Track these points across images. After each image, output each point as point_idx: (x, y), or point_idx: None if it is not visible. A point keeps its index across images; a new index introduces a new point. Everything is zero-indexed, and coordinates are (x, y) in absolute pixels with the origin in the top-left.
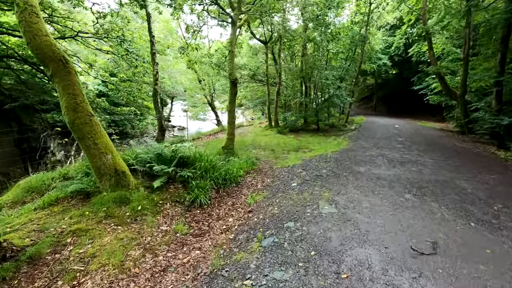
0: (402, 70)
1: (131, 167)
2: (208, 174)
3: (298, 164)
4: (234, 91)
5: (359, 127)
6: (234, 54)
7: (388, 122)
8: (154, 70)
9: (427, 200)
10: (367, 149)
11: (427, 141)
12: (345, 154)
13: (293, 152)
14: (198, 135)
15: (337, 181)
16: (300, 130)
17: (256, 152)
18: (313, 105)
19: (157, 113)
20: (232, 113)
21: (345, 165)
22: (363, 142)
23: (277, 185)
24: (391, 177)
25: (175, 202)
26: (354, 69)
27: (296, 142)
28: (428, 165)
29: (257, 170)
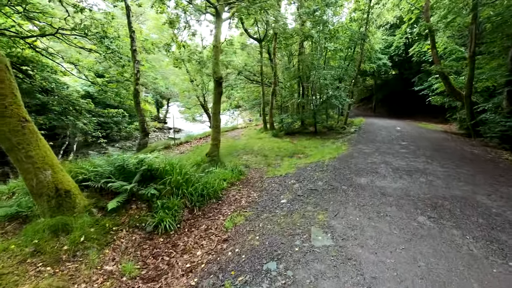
0: (402, 70)
1: (84, 183)
2: (181, 190)
3: (291, 173)
4: (218, 90)
5: (359, 129)
6: (219, 50)
7: (389, 124)
8: (135, 69)
9: (446, 225)
10: (369, 155)
11: (433, 145)
12: (344, 161)
13: (287, 158)
14: (188, 139)
15: (335, 197)
16: (296, 132)
17: (246, 159)
18: (310, 106)
19: (138, 116)
20: (217, 115)
21: (344, 176)
22: (364, 146)
23: (264, 201)
24: (399, 192)
25: (133, 228)
26: (353, 69)
27: (291, 146)
28: (439, 175)
29: (244, 180)
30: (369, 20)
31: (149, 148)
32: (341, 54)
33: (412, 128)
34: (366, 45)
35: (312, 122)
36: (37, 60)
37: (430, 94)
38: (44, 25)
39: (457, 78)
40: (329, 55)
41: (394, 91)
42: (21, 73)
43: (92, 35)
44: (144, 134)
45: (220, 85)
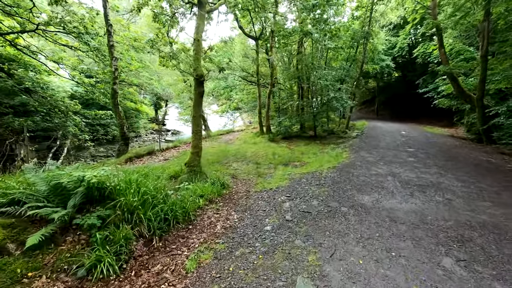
0: (405, 72)
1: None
2: (136, 215)
3: (283, 187)
4: (199, 90)
5: (361, 133)
6: (201, 44)
7: (393, 128)
8: (112, 66)
9: (484, 275)
10: (373, 165)
11: (443, 152)
12: (344, 172)
13: (282, 166)
14: (177, 143)
15: (332, 224)
16: (294, 136)
17: (236, 167)
18: (310, 109)
19: (117, 119)
20: (197, 119)
21: (344, 192)
22: (367, 153)
23: (245, 226)
24: (412, 217)
25: (59, 273)
26: (355, 70)
27: (287, 152)
28: (457, 191)
29: (227, 196)
30: (372, 18)
31: (127, 155)
32: (342, 53)
33: (417, 132)
34: (369, 44)
35: (311, 125)
36: (19, 59)
37: (436, 97)
38: (24, 21)
39: (466, 79)
40: (330, 55)
41: (397, 94)
42: (1, 72)
43: (70, 30)
44: (124, 139)
45: (201, 84)
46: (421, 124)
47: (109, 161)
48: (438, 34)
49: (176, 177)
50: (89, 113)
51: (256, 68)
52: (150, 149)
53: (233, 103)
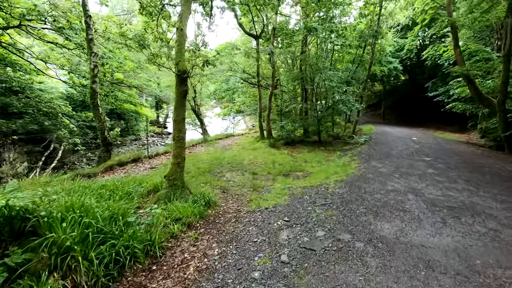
0: (413, 75)
1: None
2: (71, 259)
3: (281, 206)
4: (181, 89)
5: (369, 139)
6: (185, 35)
7: (402, 133)
8: (91, 63)
9: None
10: (387, 177)
11: (465, 162)
12: (355, 187)
13: (282, 177)
14: (168, 148)
15: (345, 273)
16: (297, 142)
17: (229, 178)
18: (314, 112)
19: (97, 122)
20: (179, 124)
21: (357, 217)
22: (379, 163)
23: (225, 269)
24: (455, 262)
25: None
26: (362, 72)
27: (289, 160)
28: (500, 217)
29: (211, 218)
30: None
31: (107, 163)
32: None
33: (430, 139)
34: (377, 45)
35: (316, 130)
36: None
37: (447, 100)
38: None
39: (483, 82)
40: (336, 57)
41: (404, 97)
42: None
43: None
44: (105, 145)
45: (183, 82)
46: (430, 129)
47: (84, 170)
48: (453, 33)
49: (156, 191)
50: (80, 115)
51: (257, 68)
52: (136, 155)
53: (235, 106)
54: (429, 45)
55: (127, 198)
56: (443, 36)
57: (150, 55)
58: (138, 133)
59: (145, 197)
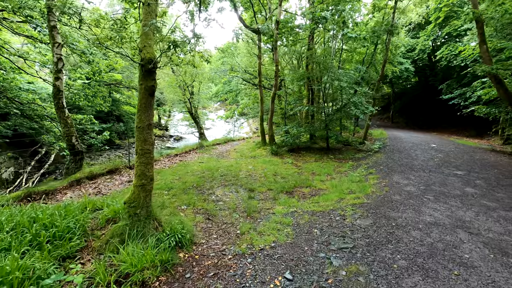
0: (423, 78)
1: None
2: None
3: (282, 246)
4: (146, 84)
5: (383, 146)
6: (154, 11)
7: (417, 139)
8: (54, 55)
9: None
10: (420, 201)
11: (508, 177)
12: (381, 217)
13: (285, 196)
14: (157, 157)
15: None
16: (303, 148)
17: (219, 196)
18: (321, 115)
19: (62, 127)
20: (144, 132)
21: (397, 278)
22: (402, 178)
23: None
24: None
25: None
26: (372, 73)
27: (294, 171)
28: None
29: (182, 267)
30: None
31: (76, 175)
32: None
33: (450, 145)
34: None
35: (323, 135)
36: None
37: (463, 103)
38: None
39: None
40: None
41: (414, 100)
42: None
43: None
44: (73, 154)
45: (150, 75)
46: (444, 134)
47: (41, 186)
48: (478, 28)
49: (117, 220)
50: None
51: (258, 66)
52: (113, 166)
53: (238, 109)
54: (444, 45)
55: (60, 239)
56: (458, 35)
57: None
58: None
59: (100, 229)
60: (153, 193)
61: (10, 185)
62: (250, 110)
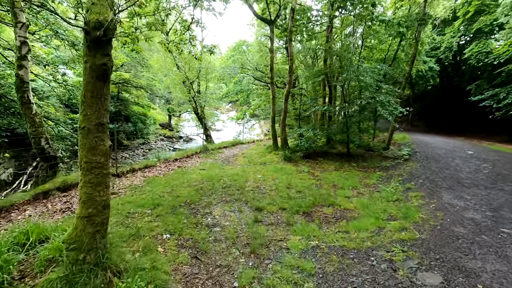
0: (448, 77)
1: None
2: None
3: None
4: (95, 63)
5: (412, 152)
6: None
7: (446, 144)
8: (17, 38)
9: None
10: (496, 236)
11: None
12: (452, 267)
13: (302, 220)
14: (152, 162)
15: None
16: (320, 154)
17: (217, 219)
18: (340, 117)
19: (28, 126)
20: (92, 135)
21: None
22: (455, 197)
23: None
24: None
25: None
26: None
27: (311, 183)
28: None
29: None
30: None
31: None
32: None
33: (489, 152)
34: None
35: (343, 139)
36: None
37: (496, 106)
38: None
39: None
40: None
41: (436, 102)
42: None
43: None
44: (44, 159)
45: (99, 46)
46: (473, 139)
47: (11, 195)
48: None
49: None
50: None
51: (270, 61)
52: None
53: (249, 110)
54: (472, 42)
55: None
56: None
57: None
58: (147, 137)
59: (35, 275)
60: (133, 212)
61: (8, 187)
62: (261, 111)
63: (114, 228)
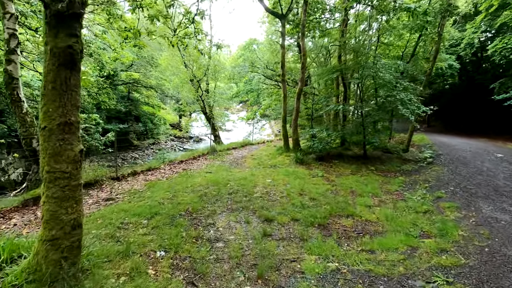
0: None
1: None
2: None
3: None
4: (57, 46)
5: (436, 155)
6: None
7: (470, 146)
8: (5, 30)
9: None
10: None
11: None
12: None
13: (317, 234)
14: (153, 165)
15: None
16: (334, 156)
17: (220, 231)
18: (355, 116)
19: (19, 127)
20: (56, 137)
21: None
22: (496, 209)
23: None
24: None
25: None
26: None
27: (326, 189)
28: None
29: None
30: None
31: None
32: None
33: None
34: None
35: (359, 140)
36: None
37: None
38: None
39: None
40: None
41: (455, 102)
42: None
43: None
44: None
45: (63, 23)
46: (497, 140)
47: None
48: None
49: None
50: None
51: (281, 57)
52: (94, 177)
53: (260, 110)
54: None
55: None
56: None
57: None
58: (158, 137)
59: None
60: (127, 223)
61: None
62: (272, 111)
63: (103, 242)
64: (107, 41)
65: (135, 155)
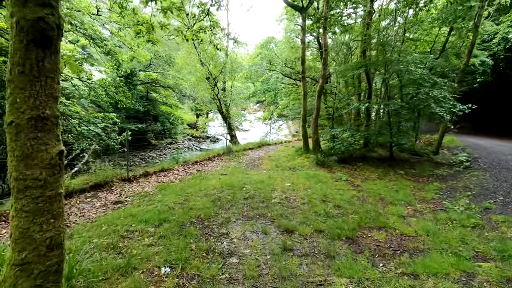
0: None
1: None
2: None
3: None
4: (26, 18)
5: (472, 158)
6: None
7: (508, 149)
8: None
9: None
10: None
11: None
12: None
13: (346, 250)
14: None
15: None
16: (357, 158)
17: (235, 243)
18: (379, 115)
19: None
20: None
21: None
22: None
23: None
24: None
25: None
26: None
27: (351, 195)
28: None
29: None
30: None
31: None
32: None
33: None
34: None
35: (385, 141)
36: None
37: None
38: None
39: None
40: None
41: (486, 100)
42: None
43: None
44: None
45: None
46: None
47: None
48: None
49: None
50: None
51: (302, 52)
52: (103, 178)
53: (277, 110)
54: None
55: None
56: None
57: None
58: (175, 137)
59: None
60: (133, 230)
61: None
62: (289, 111)
63: (103, 254)
64: (123, 39)
65: (153, 154)
